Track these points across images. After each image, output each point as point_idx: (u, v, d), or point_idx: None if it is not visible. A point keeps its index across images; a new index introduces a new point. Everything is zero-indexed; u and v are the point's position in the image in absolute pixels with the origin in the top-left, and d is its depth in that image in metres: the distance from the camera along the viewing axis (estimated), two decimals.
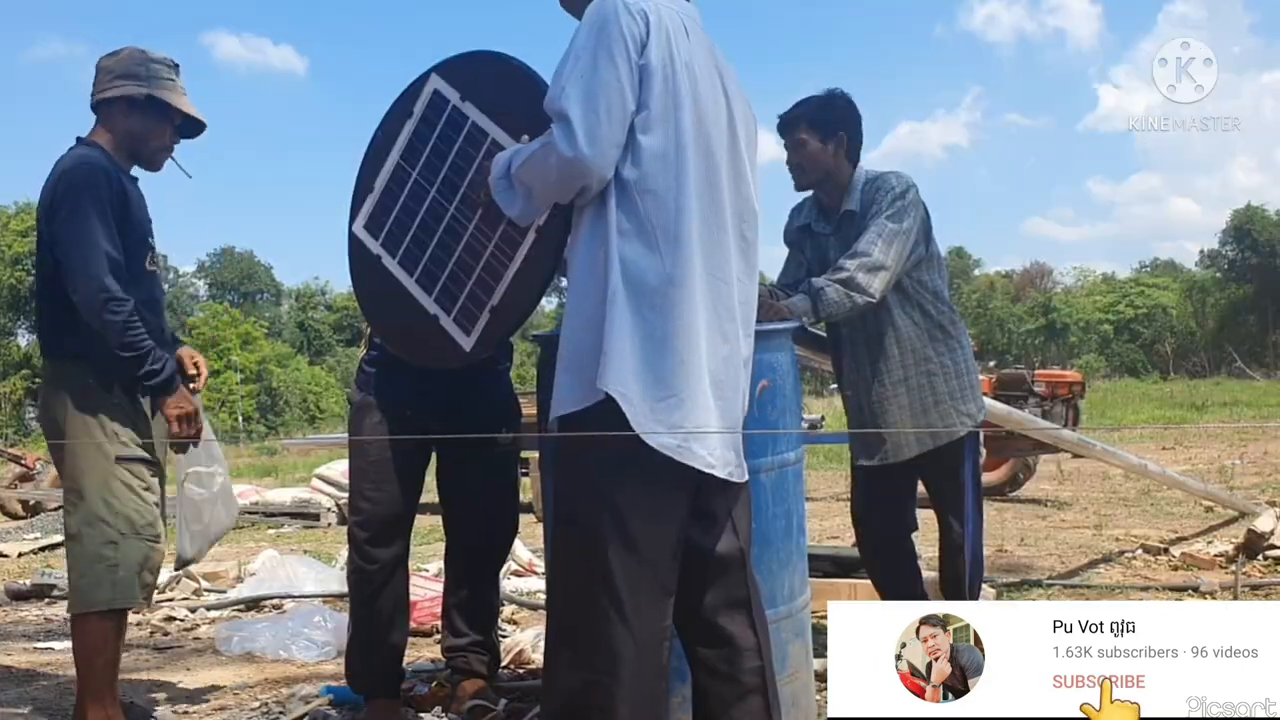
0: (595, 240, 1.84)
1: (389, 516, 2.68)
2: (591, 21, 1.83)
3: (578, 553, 1.83)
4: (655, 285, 1.80)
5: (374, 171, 2.53)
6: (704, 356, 1.84)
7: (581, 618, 1.81)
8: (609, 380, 1.77)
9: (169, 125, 2.69)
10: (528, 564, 4.88)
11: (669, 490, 1.82)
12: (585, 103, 1.78)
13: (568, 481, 1.88)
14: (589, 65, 1.80)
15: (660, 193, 1.82)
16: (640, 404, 1.77)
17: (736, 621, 1.94)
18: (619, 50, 1.79)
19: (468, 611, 2.86)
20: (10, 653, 3.77)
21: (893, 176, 2.93)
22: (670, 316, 1.80)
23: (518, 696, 2.90)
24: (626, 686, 1.76)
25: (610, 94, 1.79)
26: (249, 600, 4.49)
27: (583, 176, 1.81)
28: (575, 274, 1.89)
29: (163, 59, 2.68)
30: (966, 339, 3.07)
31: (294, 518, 8.49)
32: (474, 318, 2.28)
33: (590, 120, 1.78)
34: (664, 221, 1.82)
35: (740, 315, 1.95)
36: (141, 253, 2.62)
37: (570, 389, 1.84)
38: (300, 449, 18.50)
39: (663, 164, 1.83)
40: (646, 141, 1.82)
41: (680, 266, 1.82)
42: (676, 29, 1.86)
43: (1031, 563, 5.05)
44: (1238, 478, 8.22)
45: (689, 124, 1.85)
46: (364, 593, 2.70)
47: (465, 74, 2.39)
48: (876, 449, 3.00)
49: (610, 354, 1.78)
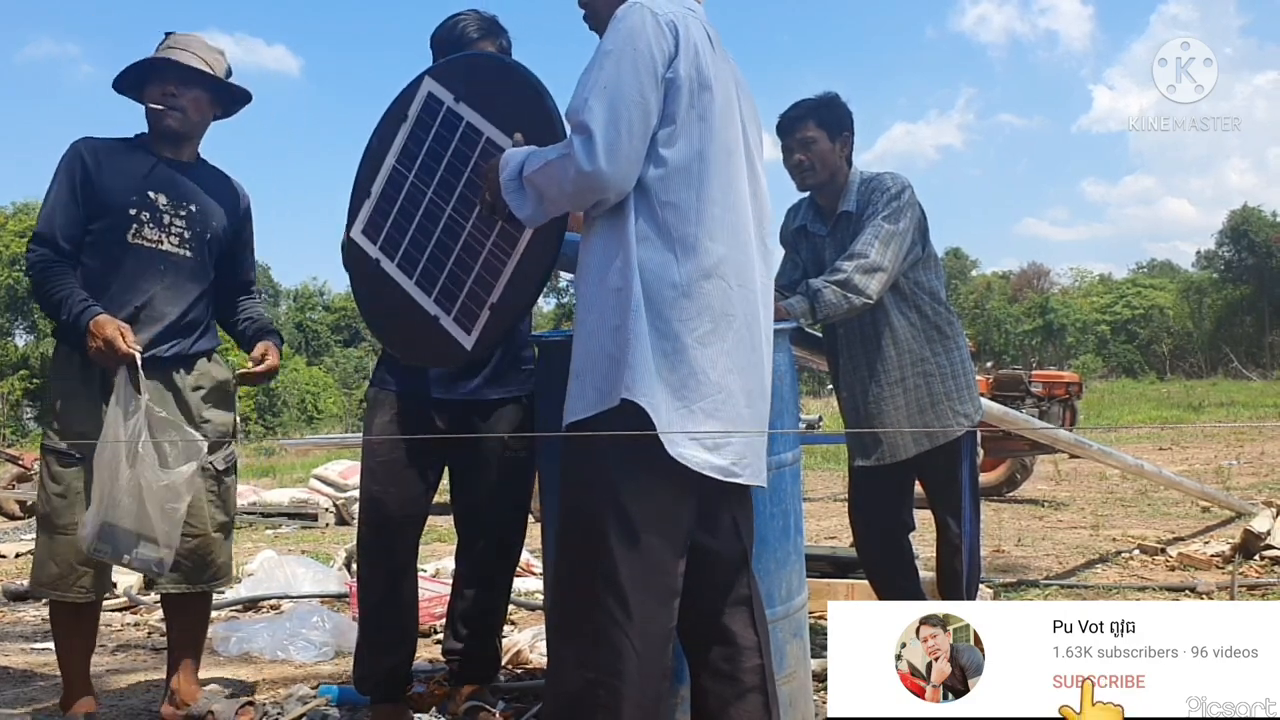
0: (613, 247, 1.83)
1: (398, 519, 2.64)
2: (619, 31, 1.80)
3: (584, 554, 1.83)
4: (676, 295, 1.79)
5: (370, 176, 2.53)
6: (734, 365, 1.85)
7: (587, 618, 1.81)
8: (637, 391, 1.76)
9: (158, 86, 2.69)
10: (525, 564, 4.87)
11: (679, 495, 1.83)
12: (608, 117, 1.76)
13: (577, 484, 1.88)
14: (614, 78, 1.78)
15: (681, 205, 1.81)
16: (667, 414, 1.77)
17: (739, 620, 1.94)
18: (645, 65, 1.77)
19: (472, 616, 2.83)
20: (8, 654, 3.77)
21: (888, 177, 2.93)
22: (696, 326, 1.80)
23: (516, 697, 2.90)
24: (631, 687, 1.76)
25: (634, 109, 1.77)
26: (247, 601, 4.48)
27: (600, 191, 1.80)
28: (589, 279, 1.88)
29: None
30: (963, 340, 3.07)
31: (292, 518, 8.49)
32: (474, 316, 2.28)
33: (612, 135, 1.76)
34: (684, 232, 1.81)
35: (764, 320, 1.95)
36: (122, 224, 2.62)
37: (583, 395, 1.83)
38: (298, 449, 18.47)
39: (685, 176, 1.82)
40: (669, 154, 1.81)
41: (704, 275, 1.81)
42: (703, 41, 1.85)
43: (1028, 563, 5.05)
44: (1234, 478, 8.24)
45: (711, 136, 1.84)
46: (371, 596, 2.68)
47: (459, 75, 2.39)
48: (873, 449, 3.00)
49: (634, 364, 1.77)
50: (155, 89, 2.69)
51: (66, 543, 2.57)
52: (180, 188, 2.73)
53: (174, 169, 2.73)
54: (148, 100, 2.70)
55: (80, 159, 2.62)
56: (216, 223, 2.78)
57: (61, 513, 2.58)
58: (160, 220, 2.68)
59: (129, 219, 2.63)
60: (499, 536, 2.80)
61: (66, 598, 2.63)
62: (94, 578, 2.63)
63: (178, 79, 2.70)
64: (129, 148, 2.72)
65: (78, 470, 2.59)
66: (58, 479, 2.59)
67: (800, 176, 2.98)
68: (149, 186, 2.67)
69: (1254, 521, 4.80)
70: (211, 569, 2.79)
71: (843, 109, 2.96)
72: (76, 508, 2.57)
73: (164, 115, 2.69)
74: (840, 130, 2.94)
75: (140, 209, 2.65)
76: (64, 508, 2.58)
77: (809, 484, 9.32)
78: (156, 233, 2.66)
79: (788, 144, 2.97)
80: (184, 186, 2.74)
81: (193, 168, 2.79)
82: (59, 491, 2.59)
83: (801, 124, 2.93)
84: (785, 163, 3.00)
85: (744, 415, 1.87)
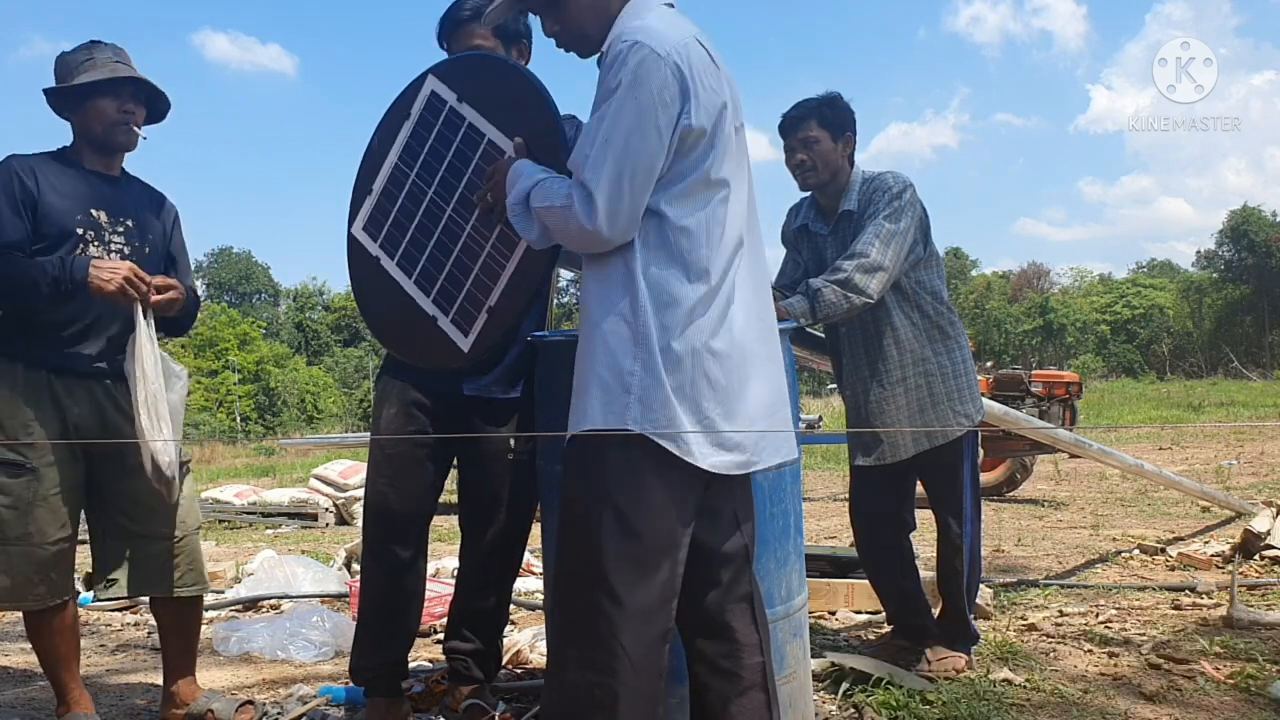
0: (619, 268, 1.81)
1: (403, 513, 2.63)
2: (624, 80, 1.75)
3: (582, 556, 1.83)
4: (683, 311, 1.78)
5: (372, 174, 2.53)
6: (754, 380, 1.85)
7: (584, 620, 1.81)
8: (644, 420, 1.75)
9: (112, 101, 2.63)
10: (525, 564, 4.87)
11: (679, 496, 1.82)
12: (611, 176, 1.73)
13: (577, 485, 1.87)
14: (617, 133, 1.74)
15: (694, 229, 1.80)
16: (687, 438, 1.77)
17: (740, 618, 1.94)
18: (649, 119, 1.73)
19: (474, 615, 2.83)
20: (8, 654, 3.77)
21: (890, 176, 2.93)
22: (705, 339, 1.79)
23: (515, 697, 2.90)
24: (628, 688, 1.77)
25: (639, 167, 1.74)
26: (246, 601, 4.48)
27: (600, 246, 1.79)
28: (592, 302, 1.86)
29: (78, 48, 2.66)
30: (965, 339, 3.07)
31: (292, 518, 8.50)
32: (472, 318, 2.28)
33: (614, 197, 1.74)
34: (695, 254, 1.79)
35: (772, 317, 1.97)
36: (68, 244, 2.58)
37: (591, 408, 1.81)
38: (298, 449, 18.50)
39: (693, 203, 1.80)
40: (679, 187, 1.79)
41: (711, 292, 1.80)
42: (706, 69, 1.81)
43: (1029, 563, 5.05)
44: (1234, 478, 8.25)
45: (717, 159, 1.82)
46: (371, 590, 2.68)
47: (462, 75, 2.39)
48: (874, 449, 3.00)
49: (643, 389, 1.76)
50: (109, 104, 2.63)
51: (19, 554, 2.54)
52: (117, 203, 2.69)
53: (108, 184, 2.70)
54: (98, 117, 2.64)
55: (17, 178, 2.56)
56: (153, 235, 2.76)
57: (12, 524, 2.54)
58: (103, 238, 2.64)
59: (75, 238, 2.59)
60: (502, 537, 2.79)
61: (21, 607, 2.63)
62: (52, 584, 2.59)
63: (132, 95, 2.67)
64: (62, 164, 2.65)
65: (27, 480, 2.55)
66: (6, 490, 2.54)
67: (802, 177, 2.98)
68: (90, 204, 2.64)
69: (1254, 521, 4.80)
70: (197, 570, 2.78)
71: (845, 108, 2.96)
72: (27, 518, 2.54)
73: (122, 132, 2.66)
74: (843, 130, 2.94)
75: (86, 228, 2.61)
76: (14, 519, 2.54)
77: (809, 484, 9.31)
78: (100, 250, 2.63)
79: (790, 144, 2.96)
80: (120, 202, 2.70)
81: (123, 182, 2.76)
82: (8, 503, 2.54)
83: (804, 124, 2.92)
84: (787, 162, 2.99)
85: (756, 407, 1.86)
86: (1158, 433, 12.36)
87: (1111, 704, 2.75)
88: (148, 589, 2.73)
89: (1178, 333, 42.94)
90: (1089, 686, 2.89)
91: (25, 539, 2.54)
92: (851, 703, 2.77)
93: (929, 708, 2.70)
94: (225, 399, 38.80)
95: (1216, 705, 2.72)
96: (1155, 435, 12.23)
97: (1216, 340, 38.10)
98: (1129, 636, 3.43)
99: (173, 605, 2.77)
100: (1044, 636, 3.47)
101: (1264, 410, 16.30)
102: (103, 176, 2.70)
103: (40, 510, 2.55)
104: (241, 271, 56.35)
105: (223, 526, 8.51)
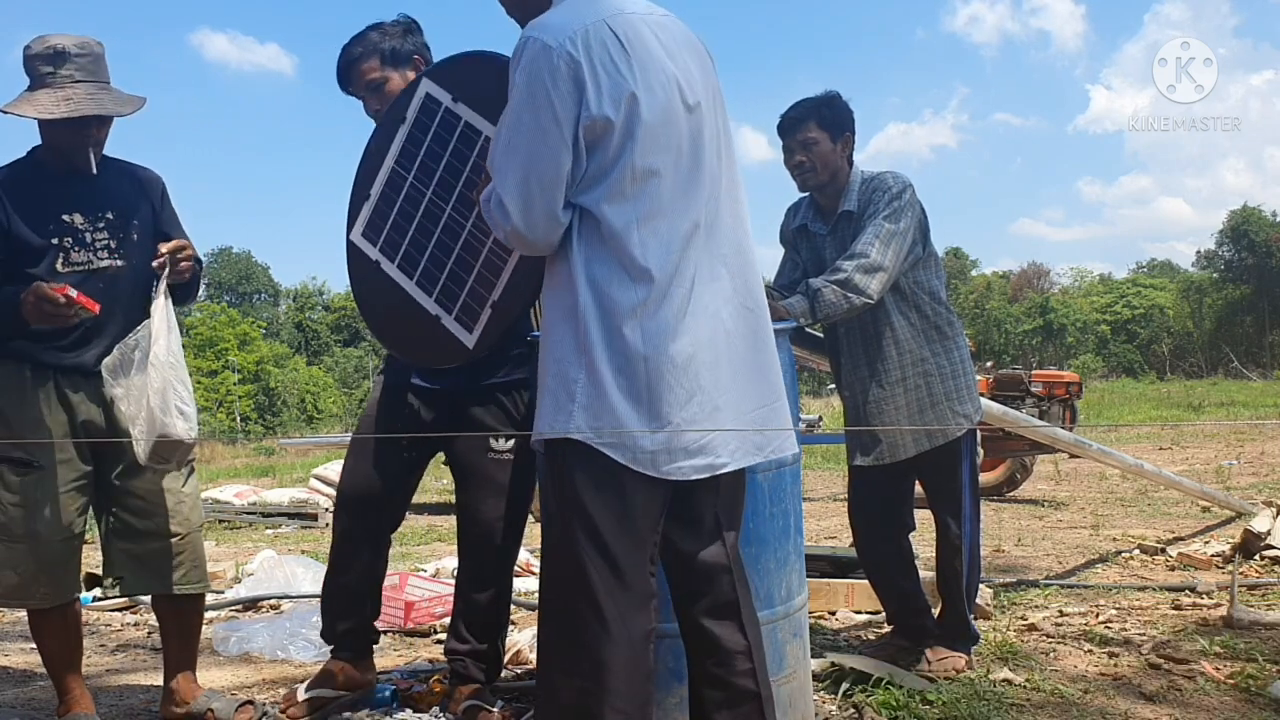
0: (563, 270, 1.80)
1: (360, 492, 2.73)
2: (518, 79, 1.75)
3: (559, 561, 1.84)
4: (628, 313, 1.73)
5: (369, 178, 2.53)
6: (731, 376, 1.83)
7: (566, 625, 1.81)
8: (602, 429, 1.73)
9: (65, 129, 2.49)
10: (525, 564, 4.87)
11: (641, 500, 1.80)
12: (518, 178, 1.74)
13: (548, 491, 1.89)
14: (517, 133, 1.74)
15: (631, 226, 1.74)
16: (643, 446, 1.74)
17: (725, 626, 1.92)
18: (546, 116, 1.71)
19: (474, 615, 2.83)
20: (8, 654, 3.77)
21: (890, 176, 2.93)
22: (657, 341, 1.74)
23: (515, 697, 2.90)
24: (613, 692, 1.76)
25: (543, 167, 1.72)
26: (246, 601, 4.48)
27: (526, 247, 1.82)
28: (547, 304, 1.86)
29: (41, 51, 2.51)
30: (964, 340, 3.07)
31: (291, 518, 8.49)
32: (476, 315, 2.28)
33: (524, 199, 1.74)
34: (638, 254, 1.74)
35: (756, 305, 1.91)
36: (48, 258, 2.54)
37: (544, 415, 1.81)
38: (298, 449, 18.50)
39: (626, 198, 1.74)
40: (608, 183, 1.74)
41: (660, 292, 1.75)
42: (613, 49, 1.73)
43: (1028, 563, 5.05)
44: (1234, 478, 8.25)
45: (648, 147, 1.74)
46: (331, 560, 2.81)
47: (455, 75, 2.39)
48: (873, 449, 3.00)
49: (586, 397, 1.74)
50: (64, 133, 2.52)
51: (26, 551, 2.53)
52: (92, 200, 2.60)
53: (81, 182, 2.59)
54: (53, 141, 2.56)
55: None
56: (139, 220, 2.67)
57: (20, 521, 2.53)
58: (83, 240, 2.58)
59: (54, 250, 2.54)
60: (495, 536, 2.80)
61: (26, 605, 2.63)
62: (57, 583, 2.59)
63: (96, 120, 2.56)
64: (31, 173, 2.58)
65: (35, 478, 2.54)
66: (12, 488, 2.54)
67: (801, 177, 2.98)
68: (62, 211, 2.56)
69: (1254, 521, 4.80)
70: (200, 569, 2.77)
71: (844, 108, 2.96)
72: (35, 516, 2.53)
73: (81, 159, 2.56)
74: (842, 130, 2.94)
75: (61, 236, 2.55)
76: (22, 517, 2.53)
77: (809, 484, 9.31)
78: (84, 254, 2.57)
79: (789, 145, 2.96)
80: (95, 198, 2.60)
81: (98, 174, 2.62)
82: (16, 501, 2.54)
83: (803, 125, 2.92)
84: (786, 163, 2.98)
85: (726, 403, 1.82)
86: (1158, 433, 12.36)
87: (1111, 704, 2.75)
88: (150, 586, 2.73)
89: (1178, 333, 42.94)
90: (1089, 686, 2.89)
91: (32, 537, 2.54)
92: (851, 703, 2.77)
93: (929, 708, 2.70)
94: (225, 399, 38.79)
95: (1216, 705, 2.72)
96: (1155, 435, 12.23)
97: (1216, 340, 38.11)
98: (1129, 636, 3.43)
99: (174, 603, 2.77)
100: (1044, 636, 3.47)
101: (1264, 410, 16.30)
102: (74, 174, 2.58)
103: (48, 508, 2.55)
104: (241, 271, 56.34)
105: (222, 526, 8.51)
